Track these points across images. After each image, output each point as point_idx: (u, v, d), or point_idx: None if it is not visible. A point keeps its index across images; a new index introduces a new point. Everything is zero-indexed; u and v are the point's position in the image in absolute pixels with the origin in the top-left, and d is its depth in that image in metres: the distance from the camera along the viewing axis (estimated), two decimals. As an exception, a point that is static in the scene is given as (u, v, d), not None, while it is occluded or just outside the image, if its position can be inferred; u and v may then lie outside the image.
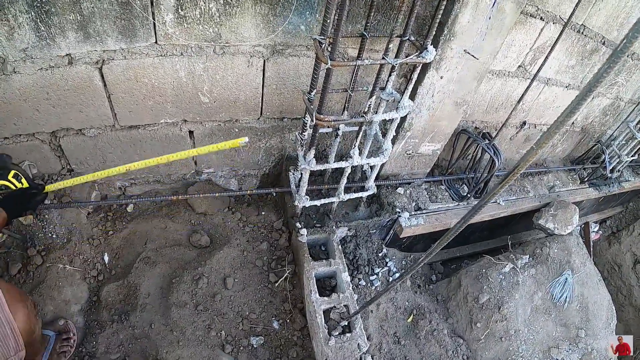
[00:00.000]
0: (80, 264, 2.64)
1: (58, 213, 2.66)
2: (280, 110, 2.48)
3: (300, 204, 2.48)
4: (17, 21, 1.93)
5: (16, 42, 2.02)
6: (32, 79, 2.19)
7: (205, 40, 2.09)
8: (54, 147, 2.60)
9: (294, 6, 2.00)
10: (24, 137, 2.53)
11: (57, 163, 2.69)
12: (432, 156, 2.99)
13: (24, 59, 2.12)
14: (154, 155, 2.65)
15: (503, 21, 2.26)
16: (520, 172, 1.09)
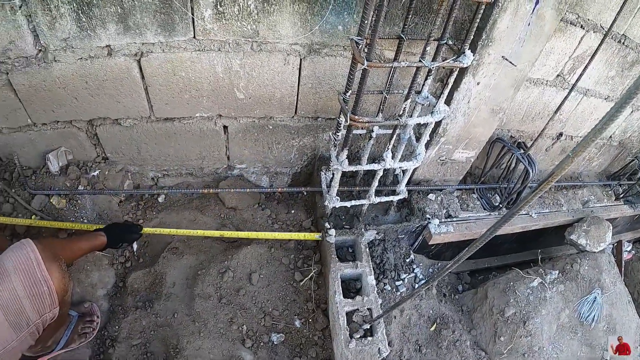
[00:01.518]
0: (109, 250, 2.68)
1: (90, 199, 2.71)
2: (315, 109, 2.48)
3: (331, 204, 2.48)
4: (59, 11, 1.98)
5: (57, 31, 2.07)
6: (72, 68, 2.24)
7: (243, 37, 2.11)
8: (90, 135, 2.65)
9: (331, 6, 2.00)
10: (61, 124, 2.58)
11: (92, 151, 2.74)
12: (466, 163, 2.96)
13: (64, 49, 2.16)
14: (187, 148, 2.71)
15: (542, 28, 2.21)
16: (554, 180, 1.07)
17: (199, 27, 2.07)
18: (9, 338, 1.67)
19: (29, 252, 1.71)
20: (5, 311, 1.64)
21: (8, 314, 1.65)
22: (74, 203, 2.68)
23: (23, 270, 1.67)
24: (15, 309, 1.65)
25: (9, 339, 1.68)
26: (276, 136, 2.66)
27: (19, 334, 1.69)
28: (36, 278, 1.69)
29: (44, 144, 2.72)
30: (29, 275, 1.68)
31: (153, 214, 2.95)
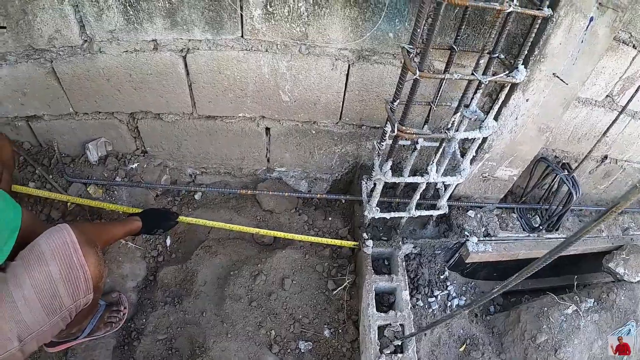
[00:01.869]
0: (142, 243, 2.69)
1: (127, 191, 2.72)
2: (360, 117, 2.44)
3: (370, 214, 2.43)
4: (106, 3, 1.99)
5: (104, 23, 2.08)
6: (116, 60, 2.25)
7: (292, 39, 2.08)
8: (131, 128, 2.65)
9: (384, 12, 1.95)
10: (103, 115, 2.59)
11: (132, 143, 2.75)
12: (508, 181, 2.88)
13: (110, 40, 2.17)
14: (228, 148, 2.69)
15: (595, 46, 2.13)
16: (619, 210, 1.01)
17: (248, 27, 2.05)
18: (41, 321, 1.67)
19: (66, 236, 1.71)
20: (40, 295, 1.63)
21: (42, 297, 1.64)
22: (111, 194, 2.69)
23: (60, 255, 1.67)
24: (49, 293, 1.65)
25: (41, 322, 1.67)
26: (319, 141, 2.63)
27: (51, 318, 1.69)
28: (72, 263, 1.68)
29: (84, 133, 2.74)
30: (65, 260, 1.67)
31: (189, 211, 2.94)
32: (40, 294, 1.64)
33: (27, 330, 1.66)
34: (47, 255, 1.66)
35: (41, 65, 2.34)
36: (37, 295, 1.63)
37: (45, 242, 1.68)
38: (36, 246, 1.68)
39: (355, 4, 1.92)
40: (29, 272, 1.63)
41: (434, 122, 2.58)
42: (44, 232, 1.74)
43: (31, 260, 1.65)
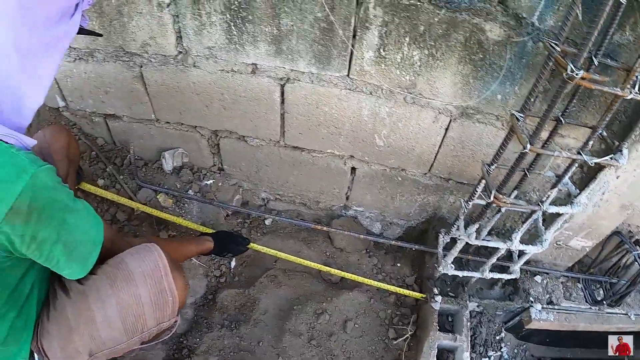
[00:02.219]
0: (206, 261, 2.68)
1: (198, 206, 2.70)
2: (450, 171, 2.39)
3: (444, 270, 2.39)
4: (210, 19, 1.97)
5: (204, 38, 2.07)
6: (210, 77, 2.24)
7: (399, 87, 2.04)
8: (212, 145, 2.65)
9: (501, 75, 1.90)
10: (185, 127, 2.60)
11: (210, 159, 2.75)
12: (580, 252, 2.81)
13: (207, 57, 2.16)
14: (309, 180, 2.69)
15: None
16: None
17: (356, 67, 2.02)
18: (118, 340, 1.66)
19: (157, 259, 1.69)
20: (124, 315, 1.62)
21: (126, 318, 1.63)
22: (181, 205, 2.68)
23: (151, 278, 1.65)
24: (134, 315, 1.63)
25: (118, 341, 1.66)
26: (402, 188, 2.59)
27: (130, 338, 1.68)
28: (163, 287, 1.67)
29: (161, 141, 2.75)
30: (156, 284, 1.65)
31: (258, 236, 2.92)
32: (125, 315, 1.62)
33: (101, 347, 1.65)
34: (137, 277, 1.63)
35: (129, 68, 2.35)
36: (121, 315, 1.61)
37: (135, 263, 1.66)
38: (124, 265, 1.66)
39: (470, 61, 1.87)
40: (115, 292, 1.61)
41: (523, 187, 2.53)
42: (132, 250, 1.72)
43: (118, 280, 1.62)
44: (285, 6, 1.85)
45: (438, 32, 1.80)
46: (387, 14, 1.78)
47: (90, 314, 1.60)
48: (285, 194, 2.93)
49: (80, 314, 1.61)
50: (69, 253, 1.39)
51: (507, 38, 1.76)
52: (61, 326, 1.62)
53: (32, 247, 1.27)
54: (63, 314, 1.62)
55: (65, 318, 1.61)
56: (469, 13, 1.72)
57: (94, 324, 1.60)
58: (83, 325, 1.61)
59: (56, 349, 1.62)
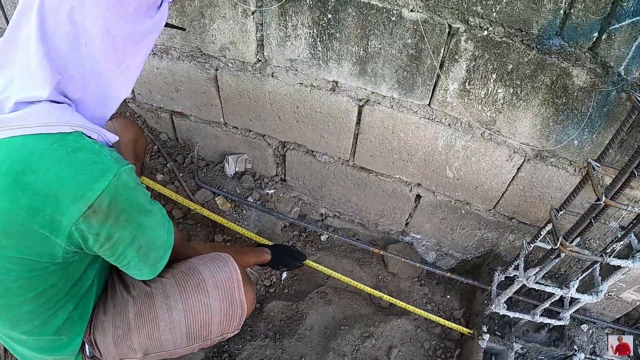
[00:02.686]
0: (257, 270, 2.68)
1: (257, 214, 2.72)
2: (514, 210, 2.38)
3: (496, 309, 2.37)
4: (295, 32, 1.99)
5: (286, 50, 2.09)
6: (287, 89, 2.26)
7: (478, 122, 2.04)
8: (277, 155, 2.67)
9: (582, 121, 1.89)
10: (252, 135, 2.62)
11: (273, 169, 2.77)
12: (630, 305, 2.77)
13: (287, 69, 2.18)
14: (371, 202, 2.72)
15: None
16: None
17: (438, 97, 2.02)
18: (178, 345, 1.68)
19: (232, 271, 1.70)
20: (190, 322, 1.64)
21: (192, 325, 1.64)
22: (239, 211, 2.70)
23: (223, 289, 1.67)
24: (201, 323, 1.65)
25: (177, 346, 1.68)
26: (464, 222, 2.58)
27: (191, 344, 1.70)
28: (234, 299, 1.69)
29: (226, 145, 2.78)
30: (228, 296, 1.68)
31: (312, 250, 2.93)
32: (191, 322, 1.64)
33: (158, 348, 1.67)
34: (209, 285, 1.66)
35: (204, 70, 2.38)
36: (187, 322, 1.64)
37: (209, 273, 1.68)
38: (197, 273, 1.68)
39: (553, 105, 1.86)
40: (184, 298, 1.63)
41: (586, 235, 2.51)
42: (206, 258, 1.75)
43: (189, 286, 1.65)
44: (375, 28, 1.87)
45: (525, 72, 1.80)
46: (478, 49, 1.79)
47: (154, 316, 1.62)
48: (345, 213, 2.93)
49: (142, 314, 1.63)
50: (141, 256, 1.41)
51: (592, 85, 1.75)
52: (119, 323, 1.64)
53: (105, 246, 1.29)
54: (123, 311, 1.64)
55: (125, 316, 1.64)
56: (558, 57, 1.72)
57: (156, 327, 1.63)
58: (143, 325, 1.63)
59: (110, 344, 1.64)
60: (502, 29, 1.72)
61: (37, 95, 1.18)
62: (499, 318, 2.66)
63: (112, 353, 1.66)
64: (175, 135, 2.91)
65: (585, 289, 2.30)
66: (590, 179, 1.77)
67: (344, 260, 2.88)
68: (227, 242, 2.67)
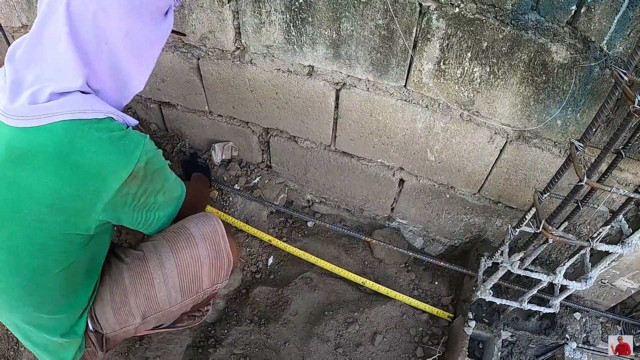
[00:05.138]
0: (244, 256, 2.68)
1: (242, 201, 2.71)
2: (500, 194, 2.33)
3: (482, 295, 2.33)
4: (269, 18, 1.99)
5: (262, 37, 2.08)
6: (266, 75, 2.25)
7: (456, 102, 1.99)
8: (262, 142, 2.67)
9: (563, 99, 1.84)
10: (237, 122, 2.62)
11: (258, 156, 2.76)
12: (624, 293, 2.72)
13: (264, 55, 2.17)
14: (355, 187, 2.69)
15: None
16: None
17: (414, 78, 1.98)
18: (173, 300, 1.83)
19: (216, 224, 1.87)
20: (182, 275, 1.81)
21: (184, 277, 1.81)
22: (225, 198, 2.71)
23: (210, 240, 1.84)
24: (192, 275, 1.82)
25: (172, 302, 1.84)
26: (449, 206, 2.54)
27: (185, 299, 1.85)
28: (220, 249, 1.86)
29: (212, 133, 2.79)
30: (214, 246, 1.84)
31: (298, 237, 2.93)
32: (183, 274, 1.80)
33: (155, 308, 1.82)
34: (197, 238, 1.81)
35: (187, 59, 2.39)
36: (180, 274, 1.79)
37: (195, 227, 1.84)
38: (184, 229, 1.83)
39: (532, 83, 1.81)
40: (175, 253, 1.79)
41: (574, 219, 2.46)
42: (191, 217, 1.89)
43: (179, 242, 1.80)
44: (346, 11, 1.84)
45: (501, 50, 1.75)
46: (451, 27, 1.75)
47: (148, 275, 1.78)
48: (331, 198, 2.91)
49: (137, 277, 1.79)
50: (166, 198, 1.68)
51: (573, 62, 1.70)
52: (115, 290, 1.78)
53: (141, 200, 1.56)
54: (119, 279, 1.79)
55: (121, 282, 1.78)
56: (535, 32, 1.67)
57: (151, 285, 1.78)
58: (139, 287, 1.78)
59: (109, 313, 1.77)
60: (474, 5, 1.68)
61: (70, 86, 1.39)
62: (487, 305, 2.62)
63: (112, 323, 1.79)
64: (165, 125, 2.92)
65: (576, 276, 2.25)
66: (573, 160, 1.71)
67: (330, 247, 2.86)
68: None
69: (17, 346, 2.42)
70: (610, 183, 1.90)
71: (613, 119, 1.85)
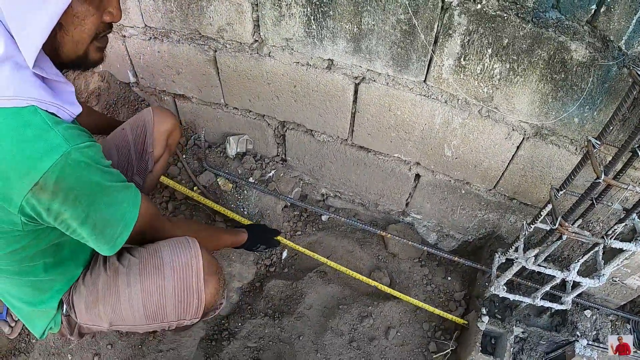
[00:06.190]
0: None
1: (257, 195, 2.72)
2: (515, 190, 2.34)
3: (496, 291, 2.34)
4: (289, 11, 1.99)
5: (282, 29, 2.09)
6: (284, 68, 2.26)
7: (475, 98, 2.01)
8: (278, 135, 2.67)
9: (580, 97, 1.85)
10: (252, 115, 2.62)
11: (274, 149, 2.77)
12: (635, 292, 2.72)
13: (283, 48, 2.18)
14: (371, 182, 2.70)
15: None
16: None
17: (434, 74, 1.99)
18: (137, 322, 1.71)
19: (192, 257, 1.68)
20: (146, 302, 1.66)
21: (148, 305, 1.66)
22: (240, 192, 2.71)
23: (179, 274, 1.66)
24: (156, 305, 1.66)
25: (137, 323, 1.71)
26: (464, 202, 2.55)
27: (150, 324, 1.72)
28: (190, 287, 1.67)
29: (227, 126, 2.79)
30: (183, 282, 1.66)
31: (312, 230, 2.93)
32: (147, 300, 1.66)
33: (121, 322, 1.73)
34: (166, 268, 1.65)
35: (204, 52, 2.40)
36: (144, 301, 1.66)
37: (168, 255, 1.68)
38: (158, 254, 1.69)
39: (551, 80, 1.82)
40: (142, 278, 1.66)
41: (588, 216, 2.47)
42: (172, 241, 1.74)
43: (149, 267, 1.67)
44: (368, 5, 1.85)
45: (522, 47, 1.76)
46: (472, 23, 1.76)
47: (117, 291, 1.67)
48: (346, 193, 2.92)
49: (109, 287, 1.68)
50: (97, 233, 1.37)
51: (592, 60, 1.71)
52: (91, 291, 1.70)
53: (58, 221, 1.28)
54: (96, 281, 1.71)
55: (96, 285, 1.70)
56: (555, 30, 1.69)
57: (118, 301, 1.67)
58: (108, 298, 1.68)
59: (82, 308, 1.71)
60: (496, 2, 1.69)
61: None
62: (500, 301, 2.63)
63: (84, 317, 1.73)
64: (179, 118, 2.93)
65: (588, 273, 2.26)
66: (590, 157, 1.73)
67: (344, 241, 2.87)
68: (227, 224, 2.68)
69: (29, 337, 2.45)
70: (625, 181, 1.91)
71: (629, 118, 1.86)
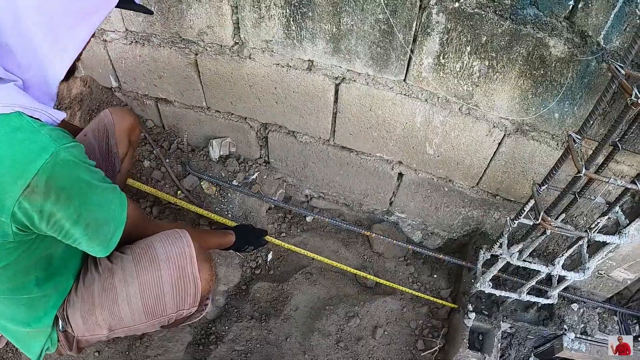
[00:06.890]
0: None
1: (241, 197, 2.71)
2: (498, 187, 2.35)
3: (481, 287, 2.35)
4: (269, 12, 1.98)
5: (261, 31, 2.08)
6: (265, 70, 2.25)
7: (455, 96, 2.01)
8: (260, 137, 2.67)
9: (560, 93, 1.85)
10: (235, 117, 2.62)
11: (257, 151, 2.76)
12: (621, 284, 2.74)
13: (263, 50, 2.17)
14: (354, 182, 2.70)
15: None
16: None
17: (413, 72, 1.99)
18: (137, 320, 1.72)
19: (185, 246, 1.72)
20: (144, 296, 1.67)
21: (146, 299, 1.68)
22: (224, 194, 2.71)
23: (174, 263, 1.69)
24: (154, 297, 1.68)
25: (137, 321, 1.72)
26: (448, 199, 2.55)
27: (149, 320, 1.73)
28: (186, 275, 1.70)
29: (210, 129, 2.79)
30: (179, 270, 1.69)
31: (297, 231, 2.93)
32: (145, 295, 1.67)
33: (120, 324, 1.72)
34: (161, 260, 1.68)
35: (185, 55, 2.39)
36: (142, 295, 1.67)
37: (161, 247, 1.71)
38: (151, 248, 1.71)
39: (530, 77, 1.83)
40: (138, 272, 1.67)
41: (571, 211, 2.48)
42: (162, 234, 1.77)
43: (143, 261, 1.68)
44: (346, 5, 1.85)
45: (500, 44, 1.77)
46: (450, 21, 1.76)
47: (114, 291, 1.67)
48: (329, 193, 2.92)
49: (105, 290, 1.68)
50: (90, 233, 1.39)
51: (571, 56, 1.72)
52: (86, 300, 1.68)
53: (50, 223, 1.28)
54: (90, 289, 1.69)
55: (91, 293, 1.68)
56: (533, 27, 1.69)
57: (115, 302, 1.67)
58: (105, 301, 1.67)
59: (79, 319, 1.69)
60: (474, 0, 1.69)
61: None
62: (487, 297, 2.64)
63: (81, 329, 1.71)
64: (161, 122, 2.92)
65: (574, 267, 2.27)
66: (571, 152, 1.73)
67: (329, 241, 2.87)
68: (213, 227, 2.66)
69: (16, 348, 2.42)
70: (607, 175, 1.92)
71: (609, 112, 1.87)
